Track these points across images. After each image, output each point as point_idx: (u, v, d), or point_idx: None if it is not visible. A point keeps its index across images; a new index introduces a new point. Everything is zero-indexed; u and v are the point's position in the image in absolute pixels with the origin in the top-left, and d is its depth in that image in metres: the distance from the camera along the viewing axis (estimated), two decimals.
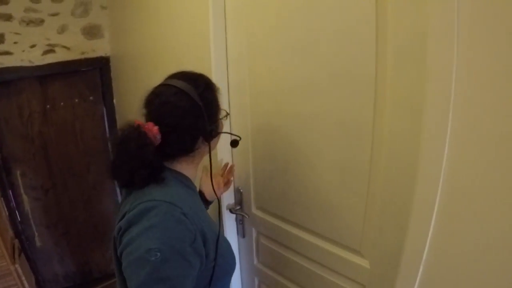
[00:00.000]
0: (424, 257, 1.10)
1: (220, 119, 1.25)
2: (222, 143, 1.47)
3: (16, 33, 2.60)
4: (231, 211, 1.91)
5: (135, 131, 1.06)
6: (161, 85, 1.18)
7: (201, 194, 1.53)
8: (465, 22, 0.88)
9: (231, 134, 1.46)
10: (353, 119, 1.24)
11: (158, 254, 0.90)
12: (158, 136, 1.08)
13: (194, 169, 1.24)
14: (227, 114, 1.30)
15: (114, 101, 3.22)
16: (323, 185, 1.42)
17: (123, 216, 1.02)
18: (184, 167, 1.20)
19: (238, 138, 1.46)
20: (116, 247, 1.05)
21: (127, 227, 0.98)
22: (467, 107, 0.92)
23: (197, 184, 1.30)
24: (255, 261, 1.98)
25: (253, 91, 1.64)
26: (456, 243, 1.02)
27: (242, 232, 1.97)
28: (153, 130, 1.07)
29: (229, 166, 1.77)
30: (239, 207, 1.93)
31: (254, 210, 1.86)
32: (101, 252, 3.34)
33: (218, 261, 1.11)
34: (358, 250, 1.36)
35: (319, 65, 1.30)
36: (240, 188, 1.89)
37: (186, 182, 1.19)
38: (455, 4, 0.88)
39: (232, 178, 1.73)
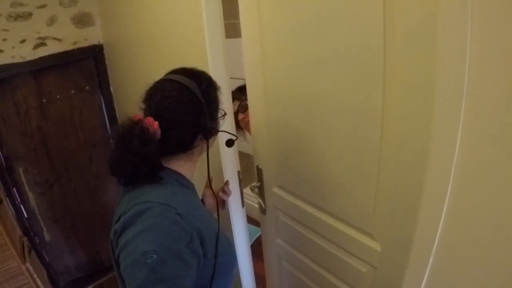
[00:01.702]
0: (435, 244, 1.09)
1: (219, 118, 1.24)
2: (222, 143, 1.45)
3: (4, 30, 2.54)
4: (251, 189, 1.93)
5: (136, 126, 1.04)
6: (163, 80, 1.15)
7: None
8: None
9: (229, 133, 1.43)
10: (362, 102, 1.20)
11: (154, 256, 0.90)
12: (158, 132, 1.06)
13: (191, 168, 1.23)
14: (225, 113, 1.27)
15: (111, 89, 3.19)
16: (335, 166, 1.41)
17: (119, 219, 1.01)
18: (181, 165, 1.18)
19: (234, 138, 1.44)
20: (113, 249, 1.04)
21: (122, 230, 0.98)
22: (482, 90, 0.88)
23: (198, 190, 1.28)
24: (276, 237, 2.00)
25: (267, 73, 1.61)
26: (468, 230, 1.00)
27: (264, 209, 1.98)
28: (154, 125, 1.05)
29: (223, 185, 1.66)
30: (259, 184, 1.93)
31: (274, 189, 1.86)
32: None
33: (219, 259, 1.11)
34: (369, 233, 1.35)
35: (329, 46, 1.26)
36: (260, 166, 1.89)
37: (182, 181, 1.17)
38: None
39: (227, 199, 1.64)
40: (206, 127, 1.13)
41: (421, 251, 1.14)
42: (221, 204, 1.60)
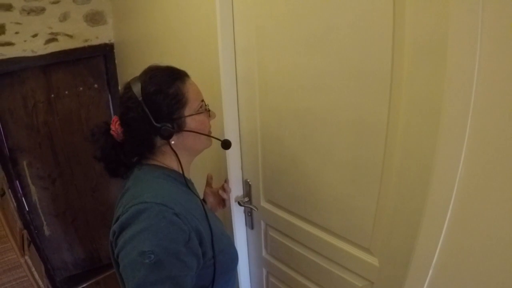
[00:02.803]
0: (434, 260, 1.08)
1: (187, 116, 1.14)
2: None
3: (17, 23, 2.57)
4: (239, 204, 1.90)
5: (99, 124, 1.18)
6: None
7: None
8: (489, 19, 0.82)
9: (201, 134, 1.20)
10: (366, 116, 1.20)
11: (152, 256, 0.90)
12: (119, 129, 1.13)
13: (185, 165, 1.19)
14: (208, 110, 1.22)
15: (119, 88, 3.19)
16: (334, 182, 1.39)
17: (117, 220, 1.01)
18: (167, 159, 1.18)
19: (220, 139, 1.31)
20: (113, 250, 1.04)
21: (120, 231, 0.98)
22: (488, 108, 0.87)
23: (199, 189, 1.28)
24: (264, 253, 1.98)
25: (262, 84, 1.60)
26: (469, 248, 0.99)
27: (250, 224, 1.97)
28: (115, 123, 1.14)
29: (223, 183, 1.61)
30: (247, 199, 1.92)
31: (263, 203, 1.85)
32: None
33: (219, 257, 1.10)
34: (367, 248, 1.34)
35: (331, 59, 1.25)
36: (248, 180, 1.88)
37: (179, 178, 1.17)
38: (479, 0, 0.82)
39: (227, 198, 1.60)
40: (152, 127, 1.09)
41: (420, 266, 1.13)
42: (222, 202, 1.59)
